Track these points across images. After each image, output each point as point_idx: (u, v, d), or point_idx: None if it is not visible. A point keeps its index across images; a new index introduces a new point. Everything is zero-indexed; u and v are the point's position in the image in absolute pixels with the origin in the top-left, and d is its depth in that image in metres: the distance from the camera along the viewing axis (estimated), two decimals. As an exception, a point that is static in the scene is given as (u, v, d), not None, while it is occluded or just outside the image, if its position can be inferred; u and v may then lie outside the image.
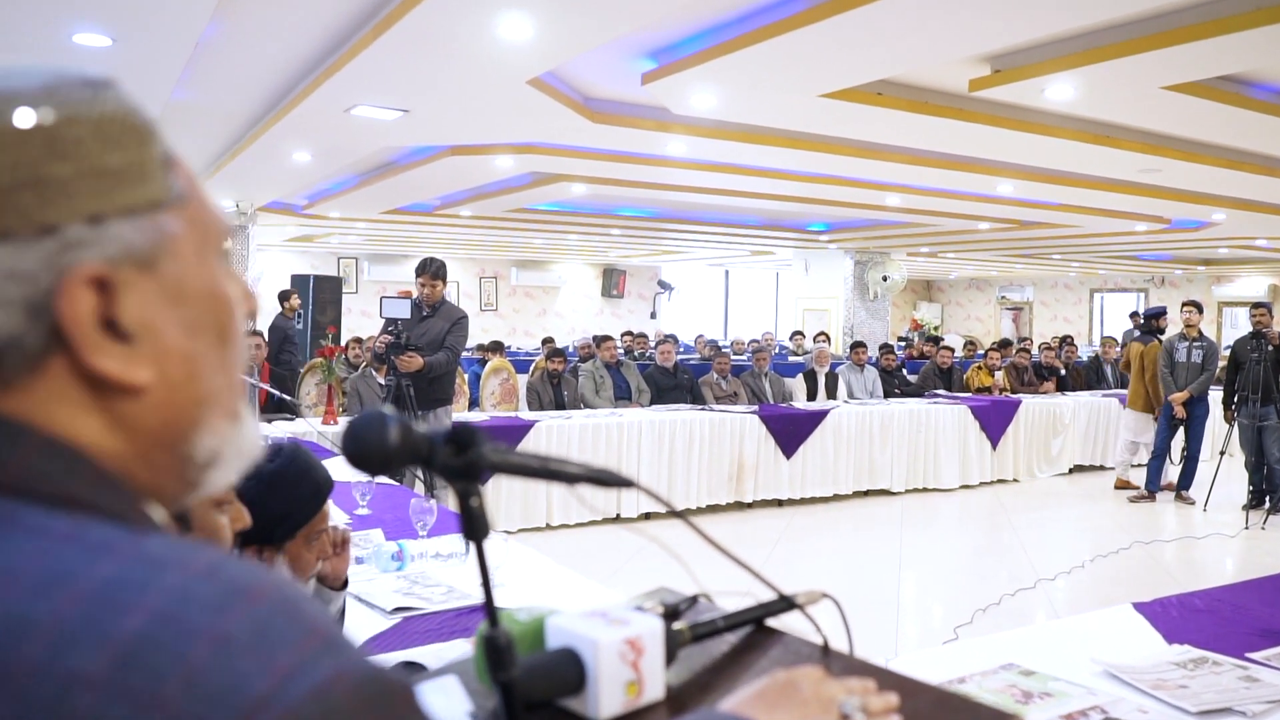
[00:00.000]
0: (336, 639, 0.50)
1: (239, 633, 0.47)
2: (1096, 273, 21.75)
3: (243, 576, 0.51)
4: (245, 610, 0.49)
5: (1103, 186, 8.55)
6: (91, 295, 0.55)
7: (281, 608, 0.50)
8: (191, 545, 0.53)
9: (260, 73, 5.62)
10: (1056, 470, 9.91)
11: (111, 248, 0.56)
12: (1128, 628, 2.48)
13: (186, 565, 0.50)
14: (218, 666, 0.46)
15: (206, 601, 0.48)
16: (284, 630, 0.49)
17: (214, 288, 0.62)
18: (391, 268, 19.73)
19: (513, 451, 0.86)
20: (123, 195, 0.57)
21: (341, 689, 0.48)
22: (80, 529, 0.52)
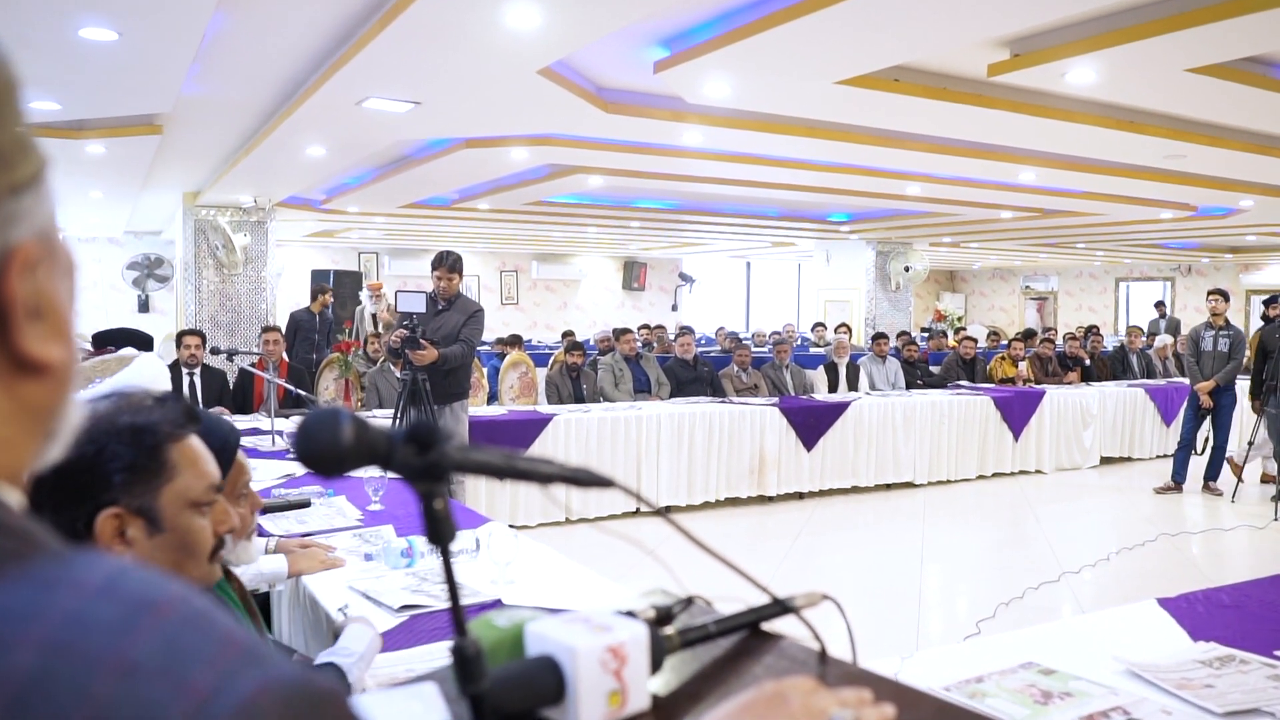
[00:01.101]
0: (255, 647, 0.46)
1: (146, 656, 0.42)
2: (1122, 261, 21.51)
3: (143, 589, 0.46)
4: (151, 628, 0.44)
5: (1127, 173, 8.43)
6: (26, 270, 0.51)
7: (191, 621, 0.45)
8: (81, 558, 0.48)
9: (270, 66, 5.61)
10: (1089, 462, 9.79)
11: (36, 220, 0.52)
12: (1152, 624, 2.43)
13: (79, 584, 0.45)
14: (125, 699, 0.41)
15: (105, 624, 0.43)
16: (196, 645, 0.44)
17: (70, 253, 0.57)
18: (412, 262, 19.77)
19: (478, 450, 0.82)
20: (24, 165, 0.52)
21: (268, 703, 0.43)
22: None
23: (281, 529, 3.34)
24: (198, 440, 1.49)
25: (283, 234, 14.27)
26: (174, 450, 1.43)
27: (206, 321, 10.86)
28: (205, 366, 6.93)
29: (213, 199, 10.63)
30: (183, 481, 1.42)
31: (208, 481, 1.46)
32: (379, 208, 12.09)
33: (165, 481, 1.40)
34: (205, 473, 1.47)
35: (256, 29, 4.91)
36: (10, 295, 0.50)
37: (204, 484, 1.45)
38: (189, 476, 1.43)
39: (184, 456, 1.44)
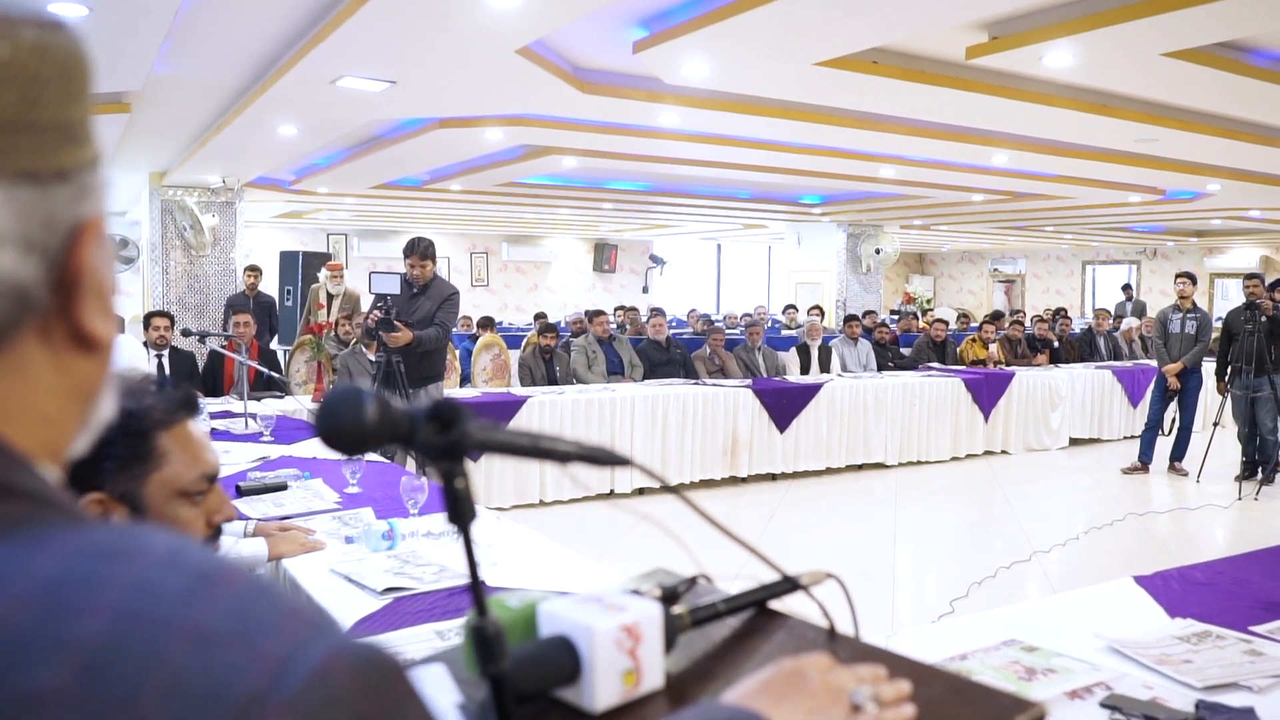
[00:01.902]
0: (320, 618, 0.46)
1: (216, 623, 0.42)
2: (1089, 245, 21.73)
3: (204, 561, 0.45)
4: (218, 596, 0.43)
5: (1098, 157, 8.50)
6: (97, 245, 0.52)
7: (256, 592, 0.45)
8: (138, 531, 0.48)
9: (244, 44, 5.52)
10: (1057, 444, 9.91)
11: (101, 195, 0.53)
12: (1129, 601, 2.46)
13: (141, 554, 0.45)
14: (199, 664, 0.41)
15: (173, 592, 0.43)
16: (264, 615, 0.44)
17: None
18: (381, 243, 19.63)
19: (501, 429, 0.81)
20: (93, 143, 0.53)
21: (340, 671, 0.43)
22: (8, 524, 0.46)
23: (259, 512, 3.31)
24: (195, 428, 1.46)
25: (251, 215, 14.10)
26: (164, 438, 1.40)
27: (175, 303, 10.73)
28: (174, 348, 6.86)
29: (180, 179, 10.47)
30: (171, 470, 1.40)
31: (200, 470, 1.43)
32: (349, 188, 11.98)
33: (153, 469, 1.38)
34: (198, 461, 1.44)
35: (231, 5, 4.83)
36: (79, 267, 0.51)
37: (195, 473, 1.43)
38: (179, 465, 1.41)
39: (176, 444, 1.41)
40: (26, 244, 0.48)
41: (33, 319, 0.49)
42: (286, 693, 0.41)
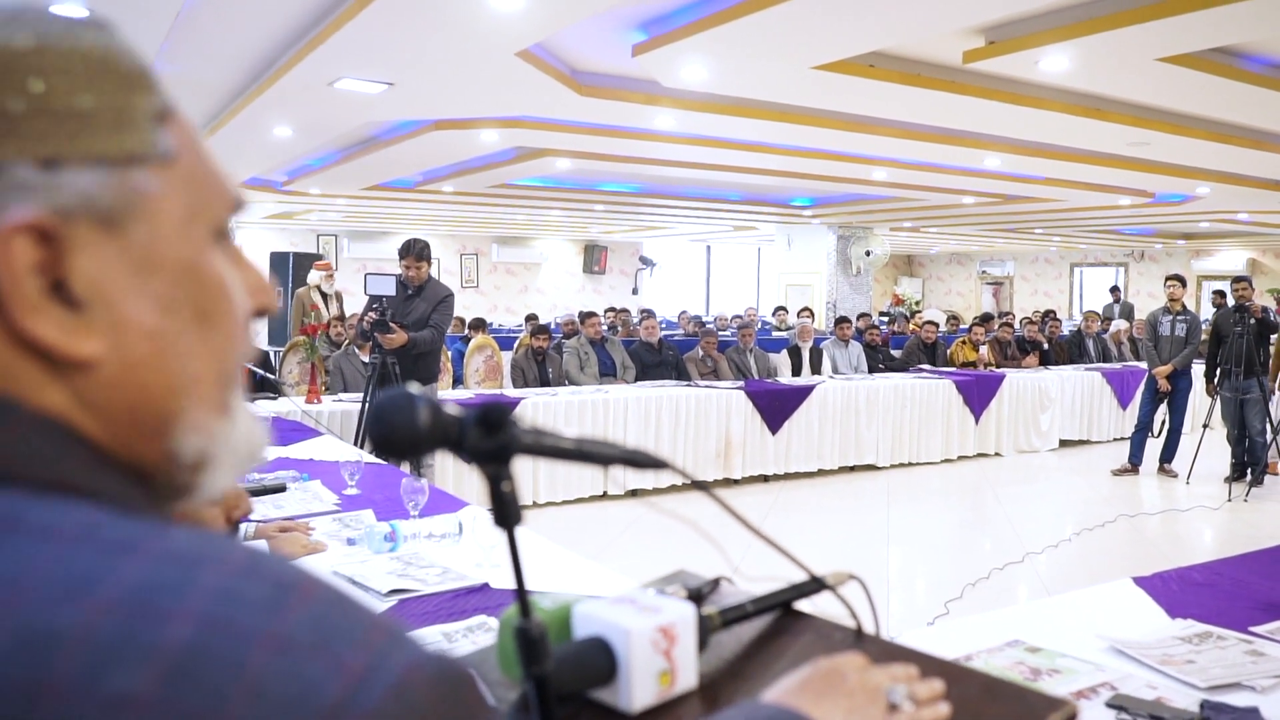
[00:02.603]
0: (398, 630, 0.47)
1: (299, 633, 0.43)
2: (1077, 247, 21.84)
3: (287, 571, 0.46)
4: (300, 606, 0.44)
5: (1090, 160, 8.55)
6: (31, 248, 0.48)
7: (336, 603, 0.46)
8: (219, 539, 0.48)
9: (243, 45, 5.52)
10: (1047, 445, 9.95)
11: (64, 197, 0.49)
12: (1129, 602, 2.47)
13: (224, 562, 0.45)
14: (283, 673, 0.41)
15: (257, 601, 0.43)
16: (345, 626, 0.44)
17: (197, 263, 0.55)
18: (372, 244, 19.58)
19: (546, 433, 0.82)
20: (89, 141, 0.50)
21: (419, 684, 0.44)
22: (92, 526, 0.46)
23: (259, 514, 3.29)
24: None
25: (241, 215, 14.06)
26: None
27: (165, 304, 10.67)
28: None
29: (171, 179, 10.43)
30: None
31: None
32: (342, 189, 11.96)
33: None
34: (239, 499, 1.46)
35: (230, 6, 4.83)
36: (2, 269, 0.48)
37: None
38: None
39: None
40: None
41: None
42: (368, 704, 0.42)
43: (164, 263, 0.53)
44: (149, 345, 0.52)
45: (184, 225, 0.54)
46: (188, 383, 0.54)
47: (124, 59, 0.53)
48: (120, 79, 0.52)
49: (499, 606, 2.33)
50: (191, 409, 0.55)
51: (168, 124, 0.55)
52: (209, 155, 0.59)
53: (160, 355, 0.53)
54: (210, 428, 0.56)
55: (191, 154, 0.56)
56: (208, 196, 0.57)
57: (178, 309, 0.53)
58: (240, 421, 0.59)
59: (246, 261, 0.61)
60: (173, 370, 0.53)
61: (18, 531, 0.45)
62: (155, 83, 0.55)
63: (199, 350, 0.55)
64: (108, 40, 0.53)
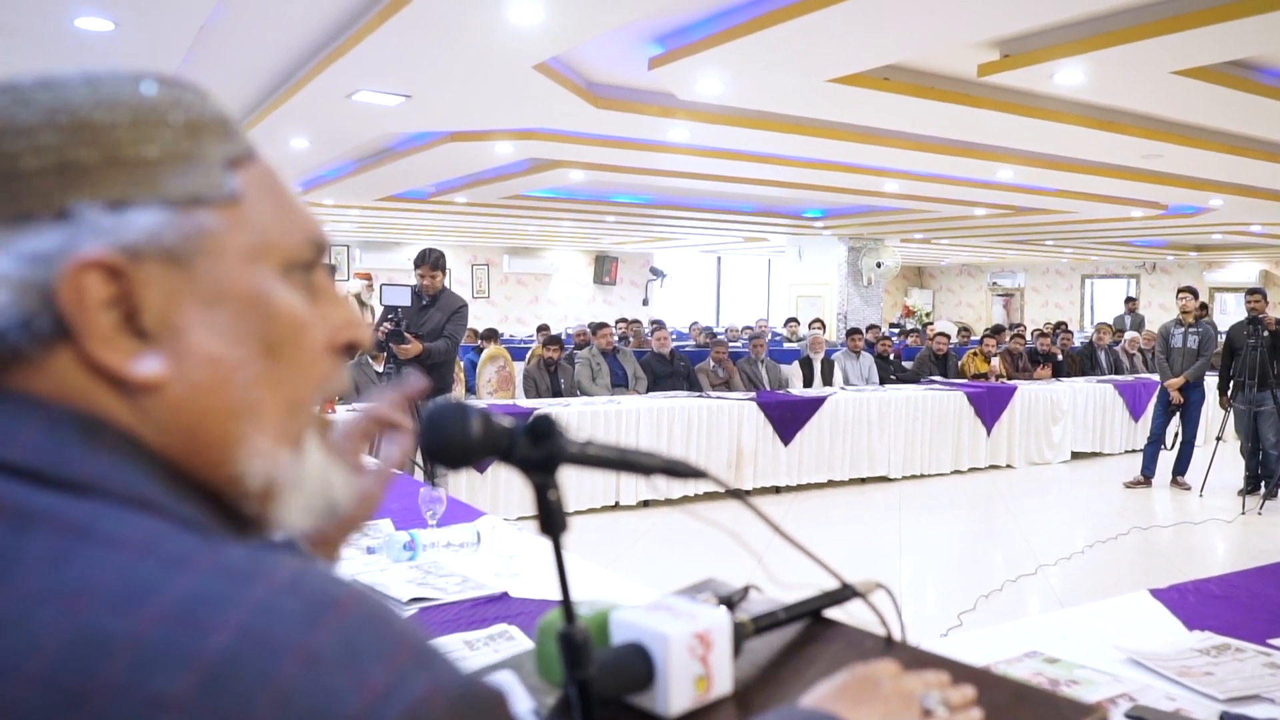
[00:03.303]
0: (427, 650, 0.49)
1: (328, 648, 0.46)
2: (1089, 259, 21.80)
3: (327, 589, 0.49)
4: (333, 624, 0.47)
5: (1103, 172, 8.55)
6: (102, 283, 0.53)
7: (369, 621, 0.48)
8: (272, 556, 0.51)
9: (262, 58, 5.57)
10: (1059, 457, 9.93)
11: (130, 235, 0.54)
12: (1146, 614, 2.47)
13: (269, 578, 0.48)
14: (308, 685, 0.44)
15: (292, 617, 0.46)
16: (374, 644, 0.47)
17: (264, 297, 0.59)
18: (383, 255, 19.65)
19: (590, 443, 0.84)
20: (154, 185, 0.55)
21: (437, 705, 0.47)
22: (156, 539, 0.49)
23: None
24: None
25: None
26: None
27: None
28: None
29: (187, 190, 10.51)
30: None
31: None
32: (356, 200, 12.02)
33: None
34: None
35: (251, 20, 4.88)
36: (73, 302, 0.53)
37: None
38: None
39: None
40: (17, 282, 0.52)
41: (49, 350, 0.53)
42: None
43: (228, 295, 0.57)
44: (211, 372, 0.56)
45: (249, 261, 0.58)
46: (249, 409, 0.58)
47: (195, 109, 0.59)
48: (189, 127, 0.57)
49: (519, 615, 2.34)
50: (254, 435, 0.58)
51: (241, 168, 0.59)
52: (288, 194, 0.63)
53: (222, 382, 0.57)
54: (275, 456, 0.59)
55: (264, 194, 0.61)
56: (276, 232, 0.60)
57: (243, 340, 0.57)
58: (312, 459, 0.63)
59: (336, 298, 0.65)
60: (234, 396, 0.57)
61: (89, 539, 0.48)
62: (233, 131, 0.61)
63: (264, 380, 0.58)
64: (181, 94, 0.59)
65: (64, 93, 0.55)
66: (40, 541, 0.48)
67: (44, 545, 0.48)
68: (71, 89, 0.55)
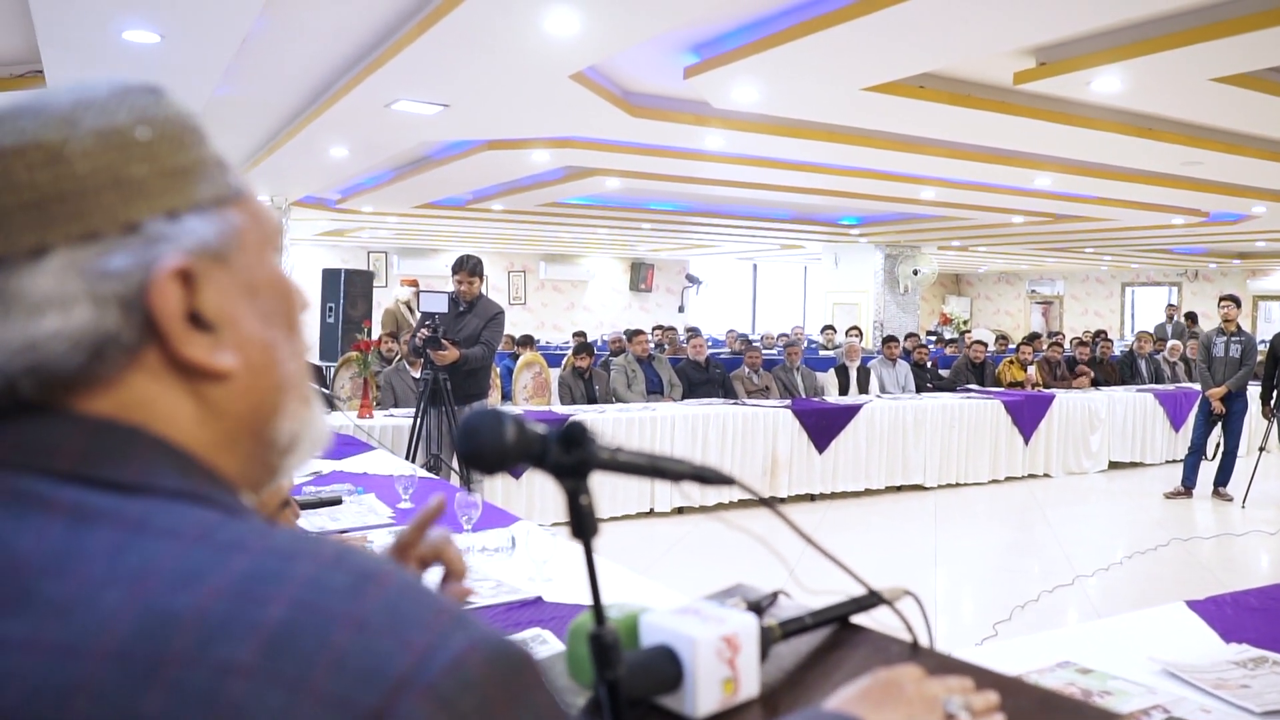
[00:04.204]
0: (463, 615, 0.52)
1: (374, 615, 0.50)
2: (1129, 266, 21.53)
3: (368, 564, 0.53)
4: (377, 594, 0.51)
5: (1142, 180, 8.47)
6: (178, 288, 0.57)
7: (409, 590, 0.52)
8: (312, 537, 0.55)
9: (303, 68, 5.66)
10: (1096, 467, 9.83)
11: (189, 241, 0.58)
12: (1182, 626, 2.45)
13: (315, 556, 0.52)
14: (360, 648, 0.48)
15: (340, 588, 0.50)
16: (414, 610, 0.51)
17: (279, 279, 0.65)
18: (420, 261, 19.81)
19: (621, 450, 0.87)
20: (193, 191, 0.60)
21: (475, 661, 0.50)
22: (209, 528, 0.53)
23: (315, 527, 3.36)
24: None
25: (295, 233, 14.32)
26: None
27: (222, 319, 10.91)
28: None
29: (230, 197, 10.68)
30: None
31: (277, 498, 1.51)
32: (393, 207, 12.15)
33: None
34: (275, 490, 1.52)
35: (292, 31, 4.97)
36: (159, 309, 0.57)
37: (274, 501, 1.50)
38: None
39: None
40: (97, 299, 0.55)
41: (133, 358, 0.57)
42: (428, 676, 0.48)
43: (261, 282, 0.64)
44: (265, 354, 0.63)
45: (262, 248, 0.65)
46: (290, 380, 0.65)
47: (192, 118, 0.63)
48: (197, 136, 0.62)
49: (553, 620, 2.36)
50: (290, 401, 0.65)
51: (229, 167, 0.65)
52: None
53: (273, 361, 0.64)
54: (300, 414, 0.66)
55: (249, 189, 0.66)
56: (267, 223, 0.66)
57: (277, 320, 0.65)
58: (317, 408, 0.69)
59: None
60: (281, 372, 0.64)
61: (146, 531, 0.53)
62: (207, 133, 0.65)
63: (291, 352, 0.66)
64: (176, 103, 0.63)
65: (106, 111, 0.58)
66: (100, 535, 0.52)
67: (104, 538, 0.52)
68: (111, 106, 0.58)
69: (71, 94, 0.59)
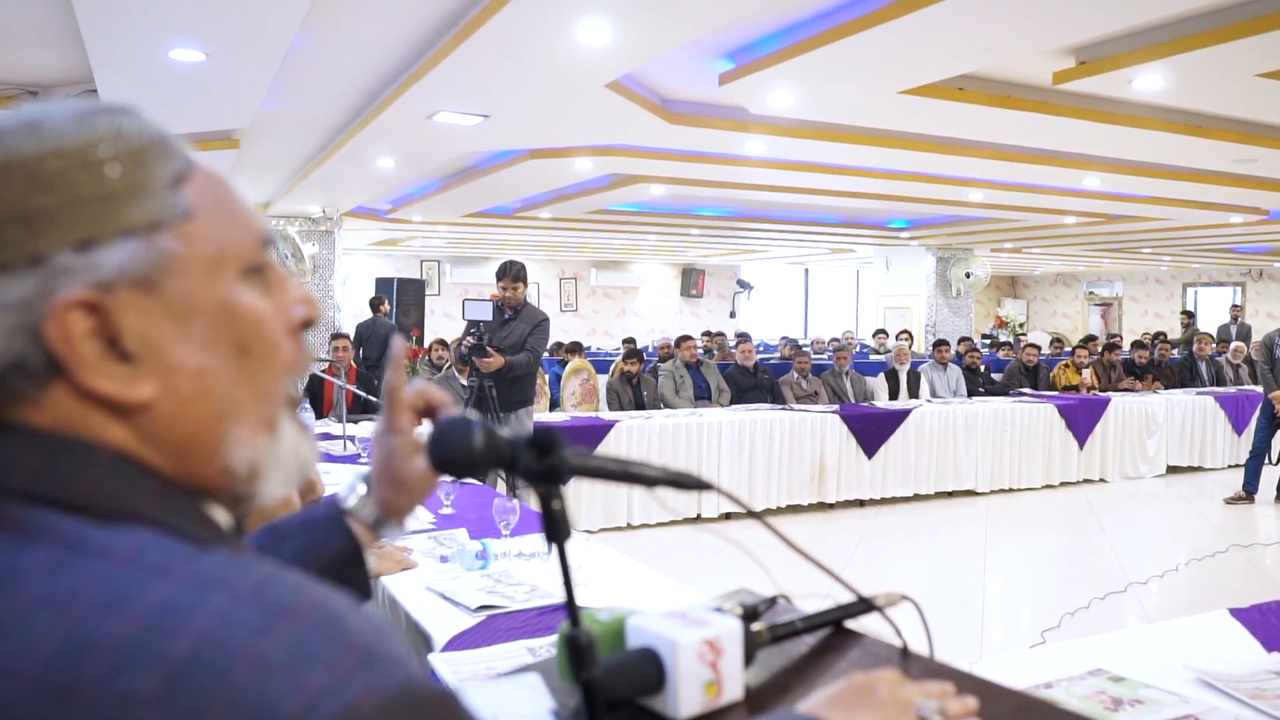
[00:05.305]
0: (375, 655, 0.52)
1: (276, 654, 0.50)
2: (1189, 266, 21.06)
3: (286, 596, 0.53)
4: (285, 631, 0.51)
5: (1195, 177, 8.30)
6: (84, 319, 0.57)
7: (321, 627, 0.52)
8: (244, 564, 0.56)
9: (346, 82, 5.76)
10: (1154, 471, 9.63)
11: (102, 272, 0.58)
12: (1223, 634, 2.40)
13: (233, 586, 0.53)
14: (255, 688, 0.49)
15: (249, 624, 0.51)
16: (319, 649, 0.51)
17: (230, 303, 0.63)
18: (473, 269, 19.99)
19: (593, 455, 0.88)
20: (114, 219, 0.59)
21: (369, 706, 0.50)
22: (140, 550, 0.55)
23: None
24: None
25: (348, 242, 14.53)
26: None
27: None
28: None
29: (283, 209, 10.89)
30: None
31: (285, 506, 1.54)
32: (442, 216, 12.27)
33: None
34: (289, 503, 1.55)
35: (334, 46, 5.06)
36: (60, 340, 0.57)
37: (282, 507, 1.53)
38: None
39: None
40: (5, 328, 0.57)
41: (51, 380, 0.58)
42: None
43: (198, 309, 0.62)
44: (195, 382, 0.62)
45: (211, 272, 0.63)
46: (231, 407, 0.64)
47: (136, 136, 0.61)
48: (134, 156, 0.61)
49: (583, 624, 2.37)
50: (237, 428, 0.64)
51: (186, 183, 0.63)
52: (232, 197, 0.66)
53: (206, 389, 0.62)
54: (256, 442, 0.65)
55: (212, 204, 0.64)
56: (231, 240, 0.64)
57: (217, 346, 0.62)
58: (286, 436, 0.68)
59: (287, 281, 0.70)
60: (218, 399, 0.63)
61: (81, 551, 0.54)
62: (171, 148, 0.63)
63: (239, 378, 0.64)
64: (119, 122, 0.61)
65: (13, 143, 0.58)
66: (40, 553, 0.54)
67: (43, 556, 0.54)
68: (19, 139, 0.58)
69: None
